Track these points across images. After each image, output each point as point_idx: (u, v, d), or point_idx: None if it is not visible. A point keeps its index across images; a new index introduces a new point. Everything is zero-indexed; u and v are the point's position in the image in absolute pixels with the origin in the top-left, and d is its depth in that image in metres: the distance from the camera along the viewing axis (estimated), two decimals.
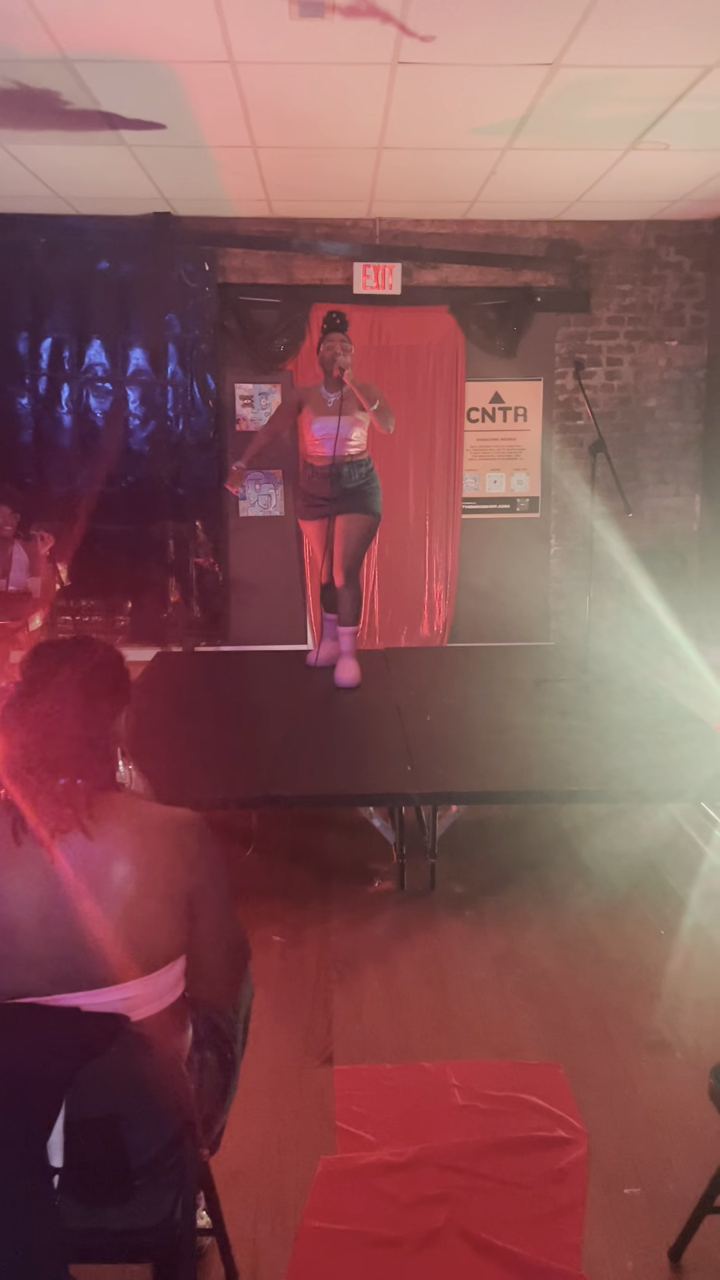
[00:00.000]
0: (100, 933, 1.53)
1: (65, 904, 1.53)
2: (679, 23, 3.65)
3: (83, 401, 6.54)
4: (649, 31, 3.72)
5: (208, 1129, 1.72)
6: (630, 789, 3.77)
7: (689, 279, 6.77)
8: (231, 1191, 2.22)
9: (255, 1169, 2.34)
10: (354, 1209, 2.22)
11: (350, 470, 4.99)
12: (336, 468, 4.95)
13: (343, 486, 4.97)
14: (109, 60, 3.96)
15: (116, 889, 1.55)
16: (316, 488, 5.04)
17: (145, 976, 1.57)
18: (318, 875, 3.88)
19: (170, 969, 1.61)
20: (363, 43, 3.81)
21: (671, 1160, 2.37)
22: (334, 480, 4.95)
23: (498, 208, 6.30)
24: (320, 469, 5.00)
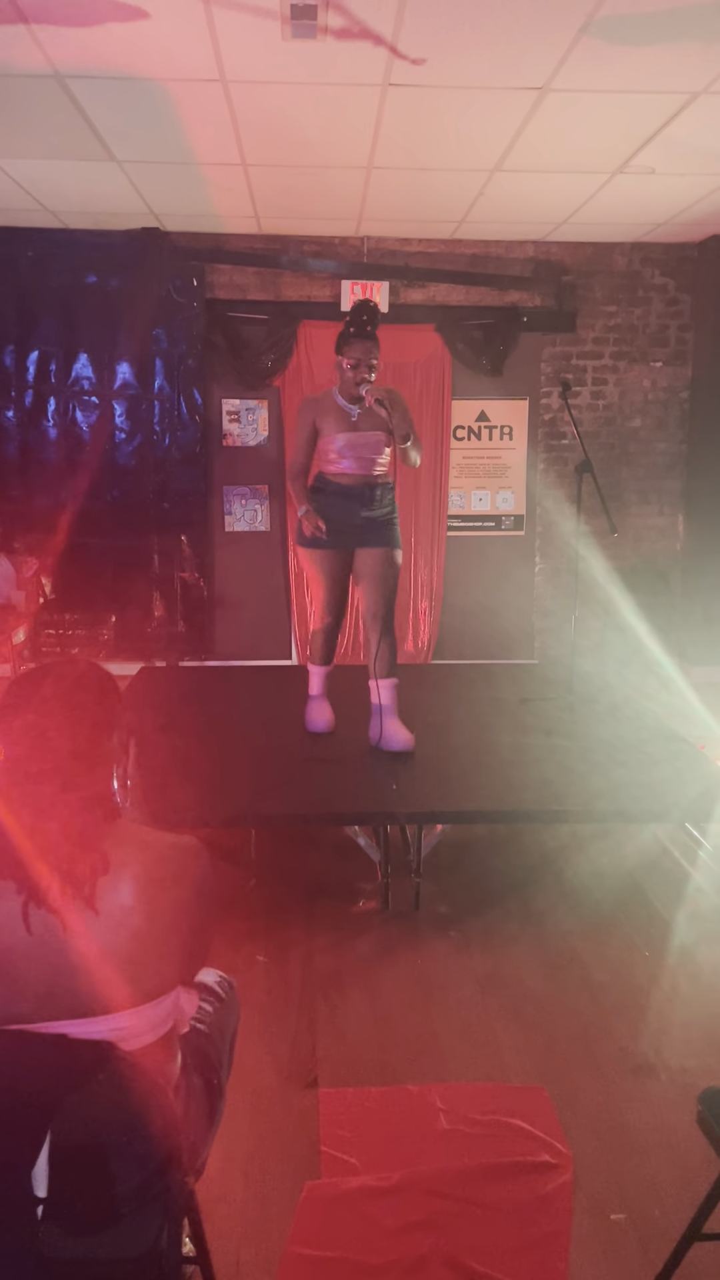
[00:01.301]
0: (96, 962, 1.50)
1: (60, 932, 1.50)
2: (666, 49, 3.69)
3: (69, 415, 6.53)
4: (637, 58, 3.76)
5: (193, 1155, 1.70)
6: (615, 809, 3.78)
7: (674, 301, 6.83)
8: (215, 1218, 2.20)
9: (239, 1194, 2.32)
10: (339, 1235, 2.20)
11: (381, 494, 4.24)
12: (366, 490, 4.20)
13: (372, 513, 4.22)
14: (102, 77, 3.96)
15: (120, 919, 1.52)
16: (341, 512, 4.18)
17: (138, 1007, 1.55)
18: (302, 894, 3.86)
19: (164, 1000, 1.58)
20: (354, 64, 3.83)
21: (658, 1185, 2.36)
22: (363, 504, 4.20)
23: (485, 228, 6.34)
24: (346, 489, 4.20)
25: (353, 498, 4.20)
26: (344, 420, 4.17)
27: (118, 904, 1.53)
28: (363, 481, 4.19)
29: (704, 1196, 1.88)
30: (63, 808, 1.55)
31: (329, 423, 4.19)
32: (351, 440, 4.15)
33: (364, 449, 4.17)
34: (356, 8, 3.39)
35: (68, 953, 1.50)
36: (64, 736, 1.58)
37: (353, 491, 4.20)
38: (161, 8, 3.39)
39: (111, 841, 1.56)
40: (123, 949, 1.52)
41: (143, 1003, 1.55)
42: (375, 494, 4.22)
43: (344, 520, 4.18)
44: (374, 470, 4.21)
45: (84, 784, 1.58)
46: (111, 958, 1.52)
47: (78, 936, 1.50)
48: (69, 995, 1.50)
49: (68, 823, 1.55)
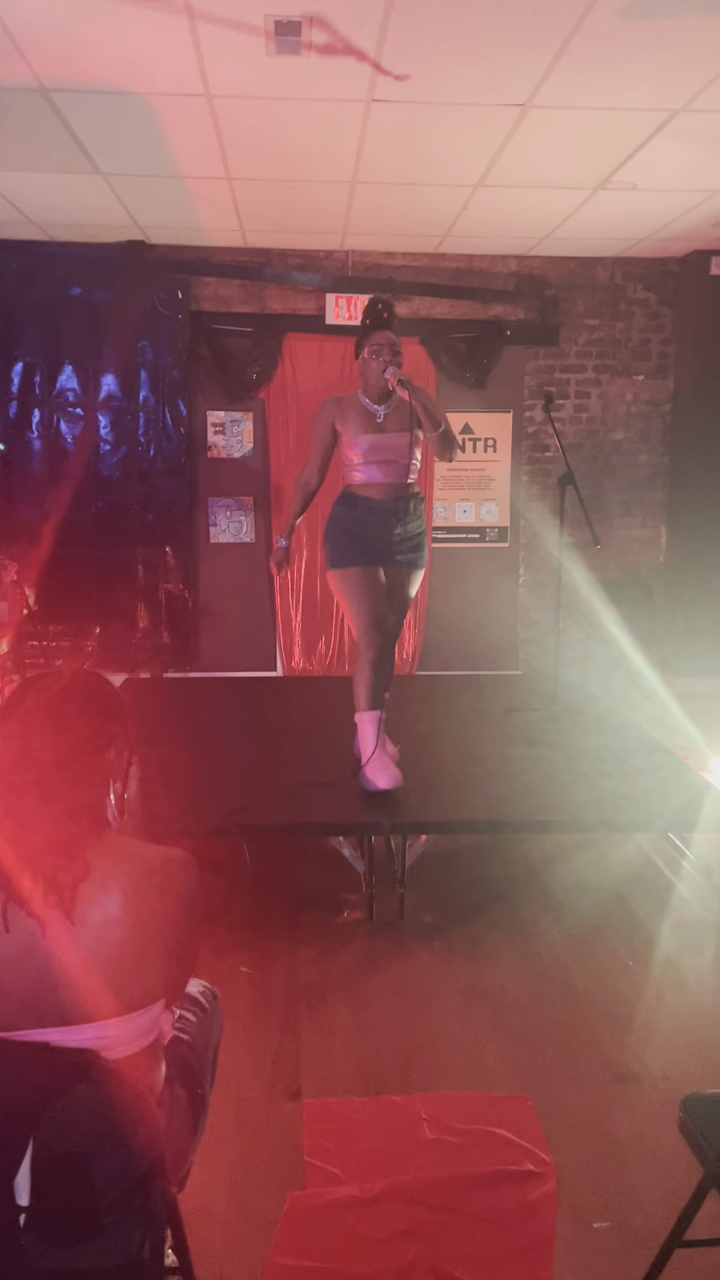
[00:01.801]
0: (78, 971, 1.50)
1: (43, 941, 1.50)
2: (646, 67, 3.74)
3: (53, 426, 6.53)
4: (618, 75, 3.81)
5: (177, 1165, 1.70)
6: (599, 819, 3.80)
7: (655, 315, 6.89)
8: (198, 1228, 2.19)
9: (222, 1206, 2.31)
10: (322, 1246, 2.19)
11: (414, 506, 3.96)
12: (400, 502, 3.90)
13: (407, 528, 3.94)
14: (86, 91, 3.98)
15: (105, 928, 1.52)
16: (374, 528, 3.90)
17: (122, 1016, 1.55)
18: (287, 905, 3.85)
19: (149, 1010, 1.58)
20: (338, 80, 3.87)
21: (640, 1193, 2.36)
22: (399, 519, 3.90)
23: (469, 242, 6.39)
24: (378, 504, 3.90)
25: (385, 513, 3.90)
26: (369, 421, 3.90)
27: (102, 914, 1.53)
28: (394, 494, 3.90)
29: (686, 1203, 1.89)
30: (46, 819, 1.55)
31: (351, 424, 3.90)
32: (376, 443, 3.87)
33: (391, 452, 3.87)
34: (340, 24, 3.42)
35: (50, 961, 1.50)
36: (47, 748, 1.58)
37: (384, 506, 3.90)
38: (147, 23, 3.41)
39: (98, 852, 1.56)
40: (106, 959, 1.52)
41: (126, 1013, 1.55)
42: (409, 507, 3.93)
43: (378, 537, 3.92)
44: (406, 479, 3.91)
45: (68, 795, 1.57)
46: (95, 967, 1.52)
47: (60, 945, 1.50)
48: (52, 1004, 1.50)
49: (51, 834, 1.54)
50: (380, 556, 3.94)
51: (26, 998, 1.50)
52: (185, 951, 1.64)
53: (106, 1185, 1.50)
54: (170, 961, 1.59)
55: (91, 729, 1.63)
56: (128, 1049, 1.57)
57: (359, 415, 3.91)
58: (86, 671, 1.73)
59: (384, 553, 3.94)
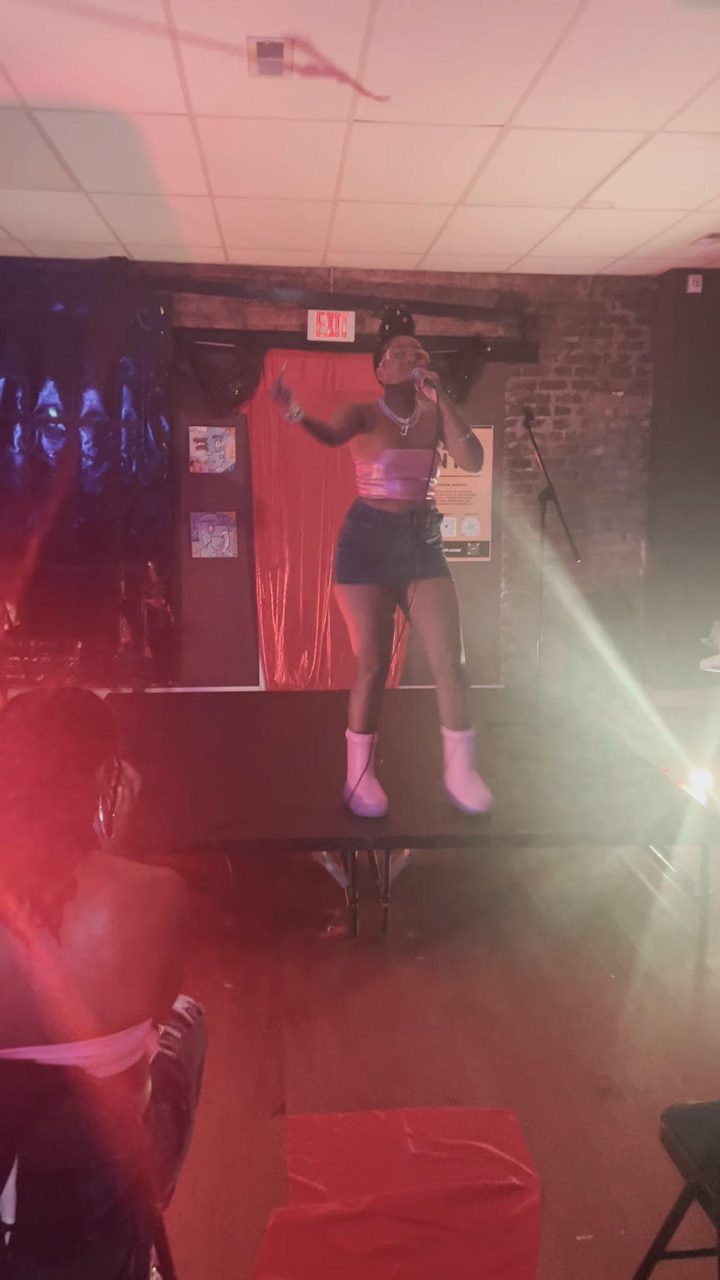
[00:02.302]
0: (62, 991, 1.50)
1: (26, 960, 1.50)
2: (624, 90, 3.80)
3: (35, 442, 6.53)
4: (596, 98, 3.87)
5: (161, 1183, 1.70)
6: (581, 832, 3.82)
7: (634, 332, 6.96)
8: (182, 1246, 2.18)
9: (206, 1223, 2.30)
10: (306, 1262, 2.19)
11: (432, 522, 3.84)
12: (418, 517, 3.77)
13: (424, 542, 3.80)
14: (70, 110, 4.01)
15: (91, 948, 1.51)
16: (385, 542, 3.77)
17: (108, 1035, 1.54)
18: (270, 921, 3.85)
19: (135, 1029, 1.58)
20: (320, 100, 3.90)
21: (623, 1206, 2.37)
22: (415, 534, 3.77)
23: (449, 260, 6.45)
24: (395, 518, 3.76)
25: (402, 527, 3.76)
26: (393, 435, 3.74)
27: (88, 934, 1.52)
28: (412, 508, 3.76)
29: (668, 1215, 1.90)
30: (29, 836, 1.54)
31: (376, 436, 3.74)
32: (399, 459, 3.72)
33: (413, 469, 3.73)
34: (322, 46, 3.46)
35: (35, 980, 1.50)
36: (30, 764, 1.57)
37: (401, 520, 3.76)
38: (130, 44, 3.44)
39: (83, 871, 1.55)
40: (91, 979, 1.51)
41: (111, 1032, 1.54)
42: (426, 521, 3.80)
43: (392, 552, 3.77)
44: (425, 495, 3.79)
45: (52, 813, 1.56)
46: (79, 987, 1.51)
47: (45, 965, 1.50)
48: (37, 1022, 1.50)
49: (34, 852, 1.54)
50: (392, 573, 3.80)
51: (11, 1016, 1.50)
52: (171, 970, 1.64)
53: (91, 1203, 1.50)
54: (156, 980, 1.59)
55: (76, 745, 1.62)
56: (113, 1068, 1.56)
57: (384, 427, 3.76)
58: (73, 688, 1.73)
59: (399, 568, 3.79)
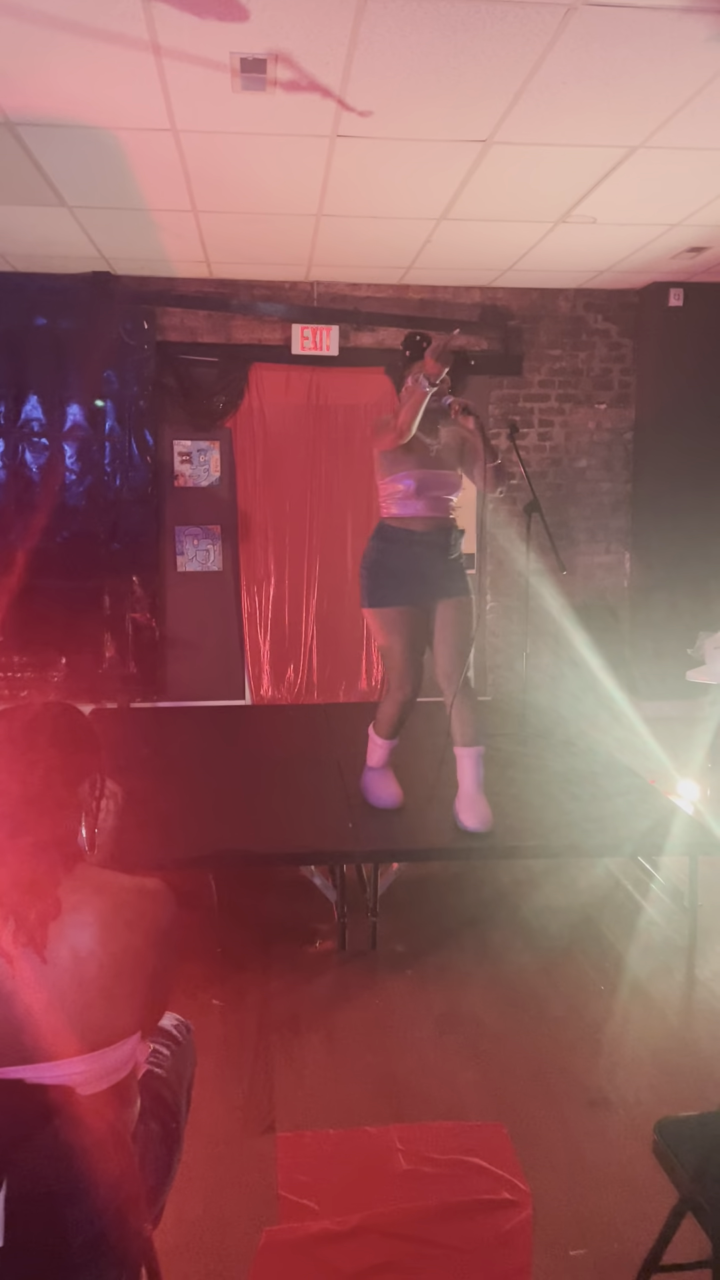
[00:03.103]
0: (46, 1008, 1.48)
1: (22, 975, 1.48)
2: (605, 106, 3.83)
3: (18, 456, 6.51)
4: (577, 114, 3.90)
5: (151, 1203, 1.68)
6: (568, 843, 3.82)
7: (616, 345, 7.01)
8: (173, 1267, 2.16)
9: (196, 1242, 2.28)
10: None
11: (454, 541, 3.91)
12: (442, 536, 3.85)
13: (447, 561, 3.89)
14: (53, 125, 4.01)
15: (77, 964, 1.50)
16: (413, 563, 3.82)
17: (96, 1052, 1.53)
18: (258, 936, 3.83)
19: (121, 1045, 1.56)
20: (303, 116, 3.92)
21: (616, 1219, 2.36)
22: (443, 551, 3.86)
23: (433, 274, 6.48)
24: (422, 536, 3.83)
25: (431, 545, 3.84)
26: (424, 455, 3.82)
27: (73, 949, 1.51)
28: (438, 526, 3.84)
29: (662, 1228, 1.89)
30: (12, 854, 1.54)
31: (407, 455, 3.80)
32: (426, 479, 3.79)
33: (439, 489, 3.82)
34: (305, 62, 3.48)
35: (18, 999, 1.48)
36: (15, 781, 1.57)
37: (430, 539, 3.83)
38: (113, 60, 3.45)
39: (68, 887, 1.54)
40: (78, 995, 1.50)
41: (99, 1048, 1.53)
42: (451, 539, 3.89)
43: (424, 572, 3.83)
44: (449, 513, 3.88)
45: (36, 829, 1.56)
46: (63, 1004, 1.50)
47: (28, 983, 1.48)
48: (23, 1041, 1.49)
49: (17, 869, 1.53)
50: (423, 593, 3.84)
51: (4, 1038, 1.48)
52: (160, 984, 1.62)
53: (80, 1225, 1.48)
54: (144, 994, 1.57)
55: (61, 761, 1.62)
56: (101, 1084, 1.55)
57: (415, 447, 3.80)
58: (58, 703, 1.72)
59: (427, 588, 3.84)
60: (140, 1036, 1.62)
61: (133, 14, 3.15)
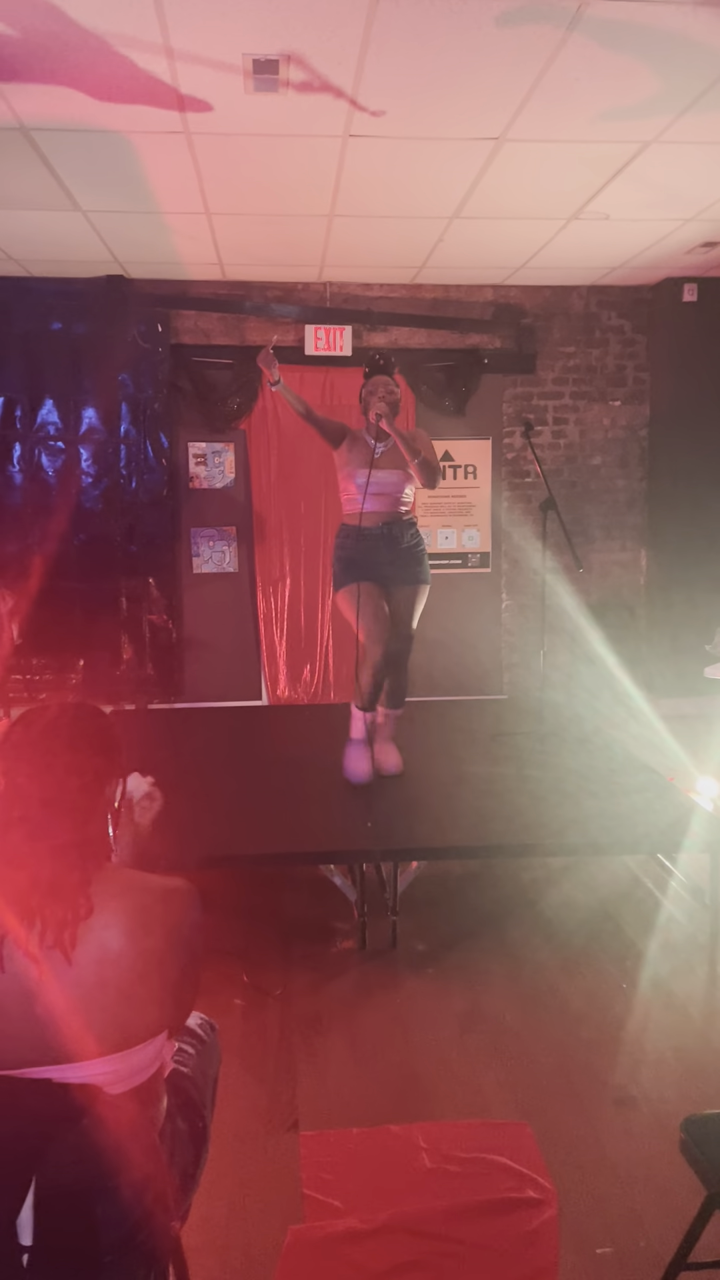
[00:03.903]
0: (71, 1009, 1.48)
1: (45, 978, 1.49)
2: (619, 101, 3.82)
3: (35, 460, 6.53)
4: (590, 110, 3.89)
5: (179, 1200, 1.69)
6: (587, 841, 3.81)
7: (630, 342, 6.99)
8: (200, 1264, 2.17)
9: (222, 1241, 2.29)
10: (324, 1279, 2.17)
11: (403, 532, 4.38)
12: (390, 529, 4.34)
13: (398, 550, 4.36)
14: (66, 129, 4.03)
15: (102, 965, 1.50)
16: (367, 553, 4.33)
17: (122, 1052, 1.53)
18: (279, 936, 3.83)
19: (149, 1044, 1.56)
20: (316, 116, 3.93)
21: (643, 1217, 2.35)
22: (389, 543, 4.34)
23: (446, 273, 6.47)
24: (371, 530, 4.33)
25: (378, 538, 4.34)
26: (368, 455, 4.32)
27: (98, 950, 1.51)
28: (385, 520, 4.34)
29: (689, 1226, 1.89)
30: (31, 857, 1.54)
31: (355, 454, 4.36)
32: (374, 478, 4.26)
33: (385, 485, 4.31)
34: (317, 63, 3.48)
35: (45, 999, 1.49)
36: (33, 784, 1.57)
37: (377, 532, 4.33)
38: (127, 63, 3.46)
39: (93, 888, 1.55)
40: (104, 995, 1.50)
41: (125, 1048, 1.53)
42: (400, 532, 4.37)
43: (374, 559, 4.34)
44: (398, 508, 4.37)
45: (55, 833, 1.56)
46: (92, 1004, 1.50)
47: (53, 984, 1.49)
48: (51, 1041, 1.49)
49: (36, 872, 1.53)
50: (377, 575, 4.33)
51: (25, 1036, 1.49)
52: (185, 983, 1.63)
53: (109, 1223, 1.49)
54: (170, 994, 1.58)
55: (80, 763, 1.61)
56: (129, 1084, 1.55)
57: (362, 449, 4.36)
58: (78, 704, 1.71)
59: (381, 571, 4.34)
60: (166, 1036, 1.63)
61: (146, 17, 3.16)
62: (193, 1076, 1.87)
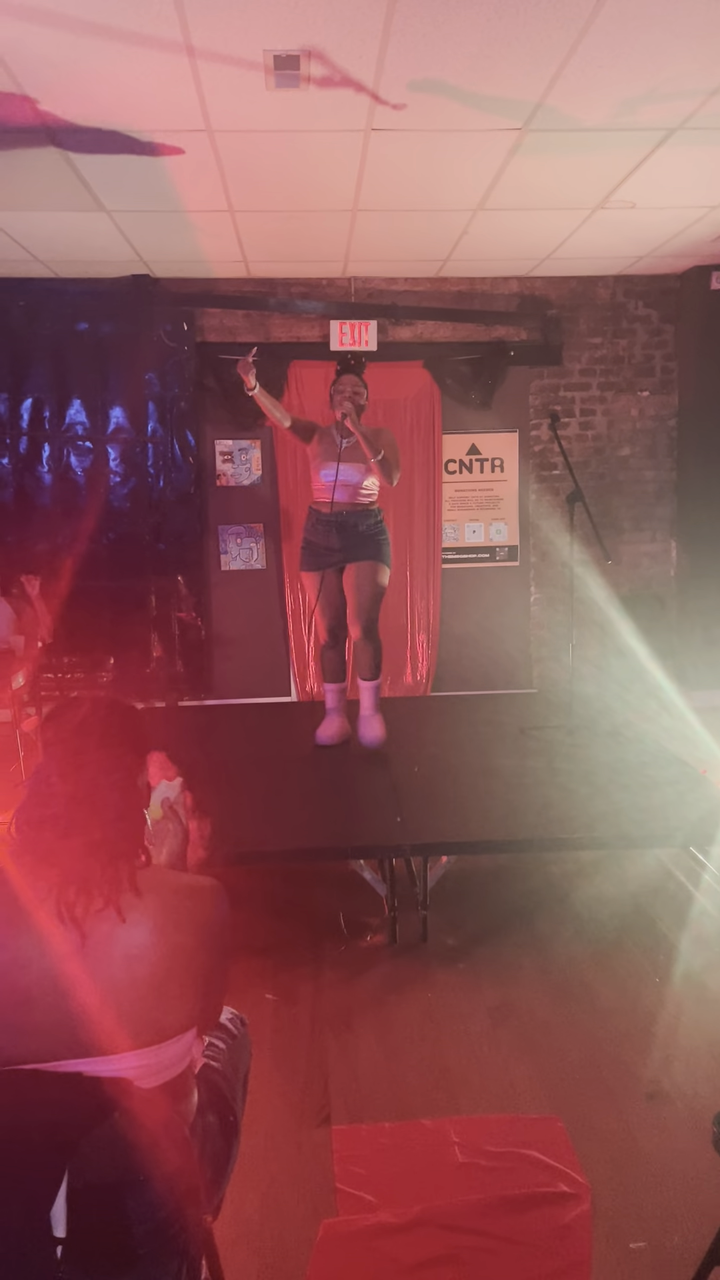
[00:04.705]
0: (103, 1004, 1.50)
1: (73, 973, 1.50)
2: (643, 88, 3.78)
3: (63, 460, 6.59)
4: (615, 96, 3.85)
5: (211, 1194, 1.70)
6: (618, 833, 3.79)
7: (657, 331, 6.92)
8: (233, 1258, 2.18)
9: (256, 1234, 2.30)
10: (357, 1273, 2.18)
11: (358, 520, 4.73)
12: (343, 516, 4.71)
13: (350, 535, 4.72)
14: (91, 130, 4.05)
15: (132, 961, 1.52)
16: (321, 537, 4.78)
17: (152, 1046, 1.54)
18: (308, 931, 3.85)
19: (180, 1039, 1.58)
20: (337, 111, 3.92)
21: (676, 1212, 2.34)
22: (340, 529, 4.71)
23: (470, 265, 6.44)
24: (326, 517, 4.74)
25: (335, 524, 4.72)
26: (332, 450, 4.70)
27: (127, 947, 1.53)
28: (345, 509, 4.71)
29: None
30: (64, 854, 1.56)
31: (322, 448, 4.75)
32: (335, 471, 4.64)
33: (348, 478, 4.67)
34: (338, 57, 3.48)
35: (75, 995, 1.51)
36: (65, 782, 1.59)
37: (332, 519, 4.72)
38: (149, 63, 3.48)
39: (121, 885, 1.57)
40: (131, 991, 1.52)
41: (156, 1043, 1.55)
42: (356, 519, 4.73)
43: (328, 544, 4.76)
44: (357, 498, 4.73)
45: (86, 830, 1.58)
46: (118, 1000, 1.52)
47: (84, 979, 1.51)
48: (82, 1035, 1.51)
49: (68, 868, 1.55)
50: (329, 559, 4.77)
51: (57, 1030, 1.50)
52: (214, 980, 1.64)
53: (142, 1215, 1.50)
54: (198, 991, 1.59)
55: (111, 761, 1.63)
56: (158, 1079, 1.57)
57: (329, 443, 4.74)
58: (110, 700, 1.72)
59: (335, 556, 4.76)
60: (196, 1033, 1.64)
61: (166, 16, 3.17)
62: (223, 1071, 1.88)
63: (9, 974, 1.51)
